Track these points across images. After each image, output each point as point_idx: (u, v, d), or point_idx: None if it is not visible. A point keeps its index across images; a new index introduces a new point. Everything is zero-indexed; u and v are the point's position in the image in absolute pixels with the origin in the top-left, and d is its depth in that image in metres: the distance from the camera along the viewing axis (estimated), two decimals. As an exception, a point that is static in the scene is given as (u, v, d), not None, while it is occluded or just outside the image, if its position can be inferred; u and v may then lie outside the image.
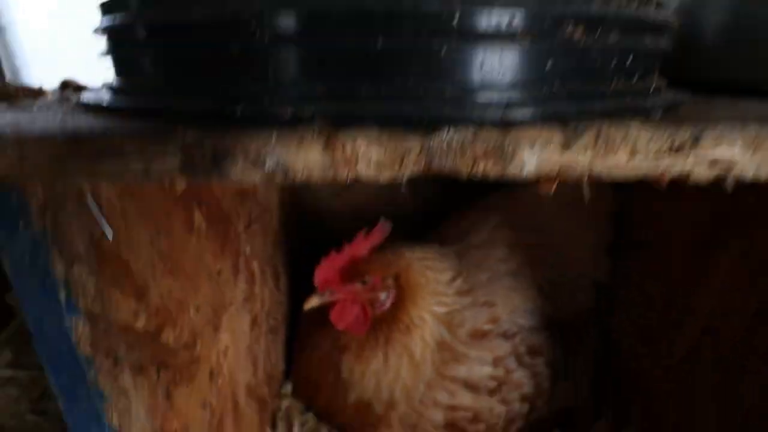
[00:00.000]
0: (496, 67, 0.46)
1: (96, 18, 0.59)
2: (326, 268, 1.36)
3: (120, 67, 0.60)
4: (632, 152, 0.45)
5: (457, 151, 0.43)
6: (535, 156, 0.44)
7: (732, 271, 0.97)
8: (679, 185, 0.48)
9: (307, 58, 0.46)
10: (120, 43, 0.57)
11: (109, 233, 0.53)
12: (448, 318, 1.43)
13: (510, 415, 1.42)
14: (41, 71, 2.29)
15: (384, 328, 1.40)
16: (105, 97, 0.59)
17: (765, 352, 0.84)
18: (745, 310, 0.91)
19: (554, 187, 0.48)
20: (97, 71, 0.73)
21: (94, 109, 0.59)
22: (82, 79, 1.00)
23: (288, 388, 1.54)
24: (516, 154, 0.44)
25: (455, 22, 0.44)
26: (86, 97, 0.65)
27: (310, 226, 1.86)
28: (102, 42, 0.61)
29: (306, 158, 0.43)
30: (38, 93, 0.85)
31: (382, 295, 1.39)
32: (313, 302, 1.35)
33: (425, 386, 1.37)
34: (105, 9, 0.58)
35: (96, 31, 0.59)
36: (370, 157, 0.42)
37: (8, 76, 2.29)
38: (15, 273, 0.50)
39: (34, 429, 1.41)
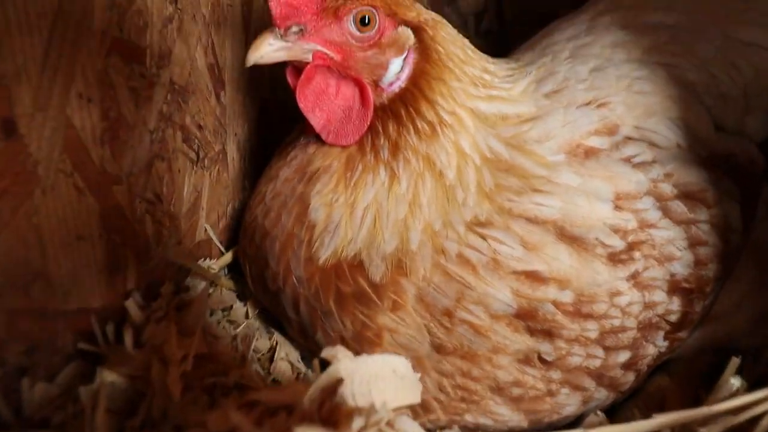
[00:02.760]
0: None
1: None
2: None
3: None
4: None
5: None
6: None
7: None
8: None
9: None
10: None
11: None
12: (513, 131, 0.76)
13: (646, 318, 0.70)
14: None
15: (389, 130, 0.73)
16: None
17: None
18: None
19: None
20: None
21: None
22: None
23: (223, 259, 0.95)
24: None
25: None
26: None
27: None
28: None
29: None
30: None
31: (394, 63, 0.73)
32: (261, 48, 0.68)
33: (467, 228, 0.66)
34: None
35: None
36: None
37: None
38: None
39: None
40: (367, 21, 0.70)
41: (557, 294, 0.66)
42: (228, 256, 0.98)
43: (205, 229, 0.97)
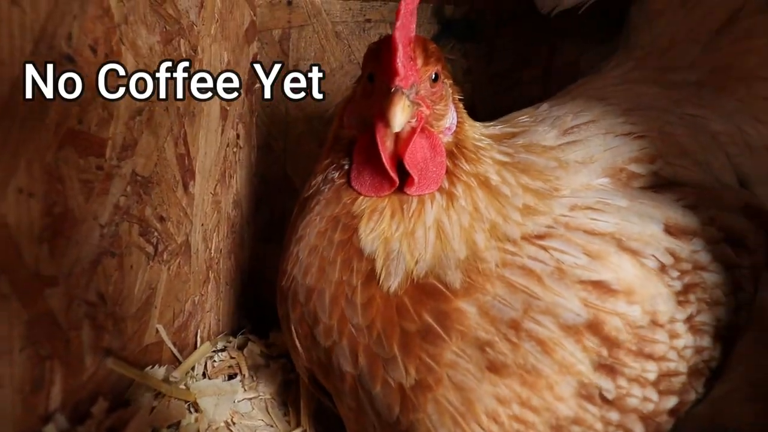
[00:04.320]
0: None
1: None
2: (400, 51, 0.69)
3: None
4: None
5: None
6: None
7: None
8: None
9: None
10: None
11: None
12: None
13: (695, 363, 0.71)
14: None
15: (447, 165, 0.78)
16: None
17: None
18: None
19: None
20: None
21: None
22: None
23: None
24: None
25: None
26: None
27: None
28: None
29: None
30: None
31: (451, 114, 0.79)
32: (401, 106, 0.66)
33: (522, 222, 0.72)
34: None
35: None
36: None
37: None
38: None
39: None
40: (436, 77, 0.76)
41: (626, 308, 0.65)
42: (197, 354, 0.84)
43: (157, 330, 0.81)
